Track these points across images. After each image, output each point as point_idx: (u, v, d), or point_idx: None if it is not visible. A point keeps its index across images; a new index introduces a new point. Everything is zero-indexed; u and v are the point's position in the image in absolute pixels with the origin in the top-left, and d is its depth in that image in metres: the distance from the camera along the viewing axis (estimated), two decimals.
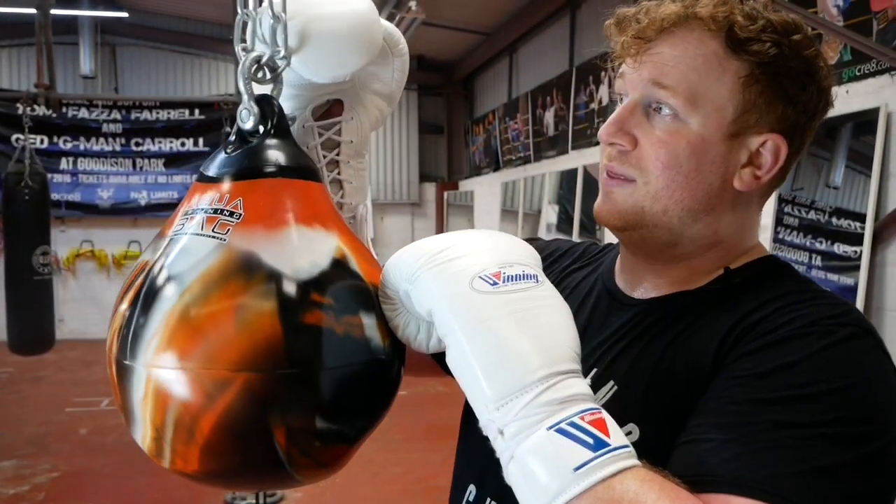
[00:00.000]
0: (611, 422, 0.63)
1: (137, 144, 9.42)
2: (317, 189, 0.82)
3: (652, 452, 0.67)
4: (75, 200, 9.33)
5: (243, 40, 0.83)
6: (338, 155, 0.98)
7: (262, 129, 0.81)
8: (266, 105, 0.82)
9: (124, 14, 9.24)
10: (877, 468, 0.65)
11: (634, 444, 0.68)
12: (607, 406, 0.72)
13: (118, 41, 9.80)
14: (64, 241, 9.18)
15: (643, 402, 0.77)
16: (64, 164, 9.26)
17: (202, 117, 9.32)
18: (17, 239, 5.18)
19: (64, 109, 8.90)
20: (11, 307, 5.25)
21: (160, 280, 0.74)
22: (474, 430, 0.68)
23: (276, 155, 0.80)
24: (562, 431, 0.61)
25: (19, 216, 5.16)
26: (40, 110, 7.60)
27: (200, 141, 9.37)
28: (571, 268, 1.01)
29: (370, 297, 0.77)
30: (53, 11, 5.94)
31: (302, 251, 0.75)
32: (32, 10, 5.81)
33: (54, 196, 8.11)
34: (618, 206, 0.82)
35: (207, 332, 0.70)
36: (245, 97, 0.81)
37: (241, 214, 0.76)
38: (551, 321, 0.67)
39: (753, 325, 0.74)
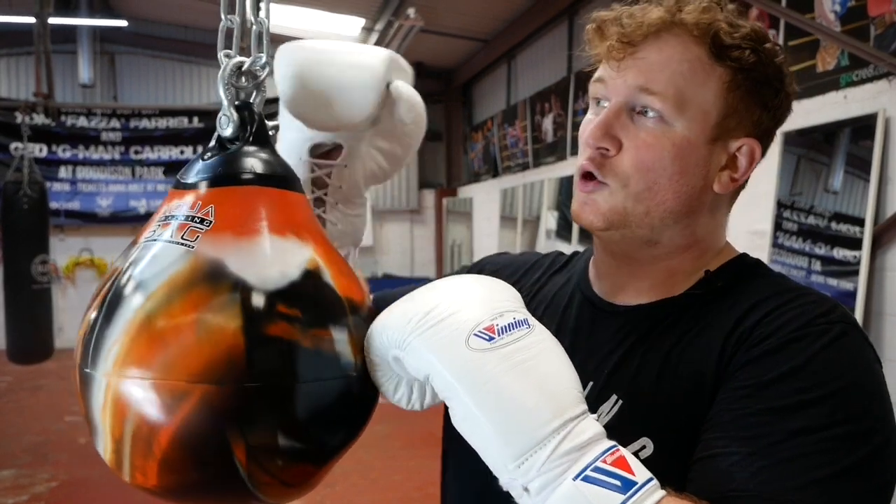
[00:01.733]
0: (630, 457, 0.64)
1: (136, 153, 9.42)
2: (294, 198, 0.79)
3: (667, 465, 0.69)
4: (74, 209, 9.32)
5: (228, 47, 0.83)
6: (325, 195, 0.98)
7: (241, 136, 0.80)
8: (246, 112, 0.81)
9: (123, 22, 9.25)
10: (884, 459, 0.69)
11: (649, 459, 0.72)
12: (615, 421, 0.77)
13: (117, 49, 9.80)
14: (63, 249, 9.17)
15: (652, 415, 0.78)
16: (63, 172, 9.26)
17: (201, 125, 9.33)
18: (16, 248, 5.18)
19: (63, 118, 8.92)
20: (10, 316, 5.25)
21: (126, 287, 0.72)
22: (466, 459, 0.68)
23: (252, 162, 0.78)
24: (588, 479, 0.61)
25: (18, 225, 5.15)
26: (39, 119, 7.63)
27: (200, 149, 9.30)
28: (542, 280, 1.00)
29: (343, 311, 0.74)
30: (52, 20, 5.96)
31: (271, 261, 0.72)
32: (31, 19, 5.83)
33: (53, 205, 8.10)
34: (599, 207, 0.82)
35: (168, 342, 0.68)
36: (224, 103, 0.80)
37: (211, 222, 0.74)
38: (551, 366, 0.67)
39: (749, 330, 0.75)
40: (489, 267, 1.06)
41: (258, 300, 0.69)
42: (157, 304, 0.70)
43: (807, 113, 3.78)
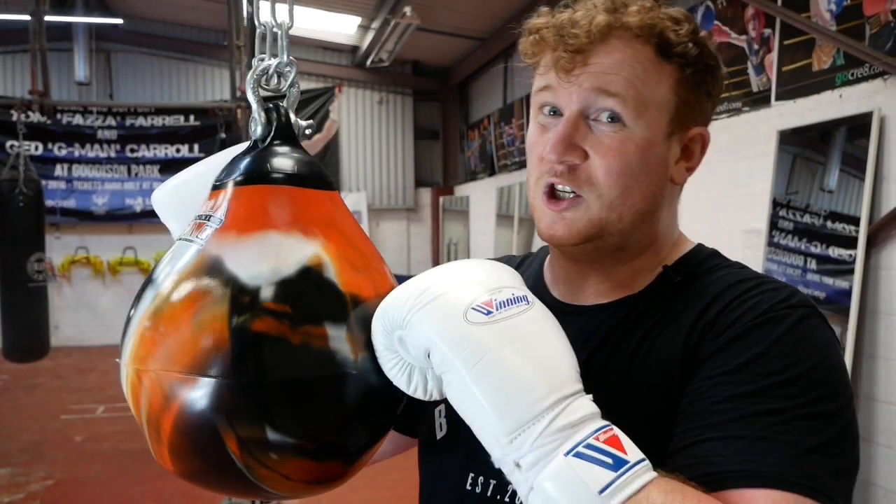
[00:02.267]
0: (623, 437, 0.64)
1: (132, 151, 9.41)
2: (314, 196, 0.80)
3: None
4: (70, 207, 9.31)
5: (262, 52, 0.86)
6: None
7: (265, 136, 0.83)
8: (273, 113, 0.84)
9: (119, 20, 9.24)
10: (850, 439, 0.71)
11: None
12: None
13: (113, 47, 9.79)
14: (59, 247, 9.16)
15: (623, 416, 0.75)
16: (59, 170, 9.24)
17: (197, 123, 9.32)
18: (12, 246, 5.17)
19: (58, 116, 8.91)
20: (6, 314, 5.24)
21: (149, 283, 0.77)
22: (437, 468, 0.68)
23: (270, 162, 0.80)
24: (580, 455, 0.61)
25: (14, 223, 5.15)
26: (35, 117, 7.62)
27: (195, 147, 9.37)
28: None
29: (342, 307, 0.74)
30: (48, 18, 5.95)
31: (266, 257, 0.73)
32: (27, 17, 5.82)
33: (49, 203, 8.10)
34: (575, 224, 0.81)
35: (169, 335, 0.72)
36: (254, 106, 0.83)
37: (221, 220, 0.77)
38: (550, 343, 0.68)
39: (712, 321, 0.77)
40: None
41: (245, 296, 0.71)
42: (164, 298, 0.74)
43: (802, 112, 3.79)
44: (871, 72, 3.42)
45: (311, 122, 0.88)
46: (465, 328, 0.66)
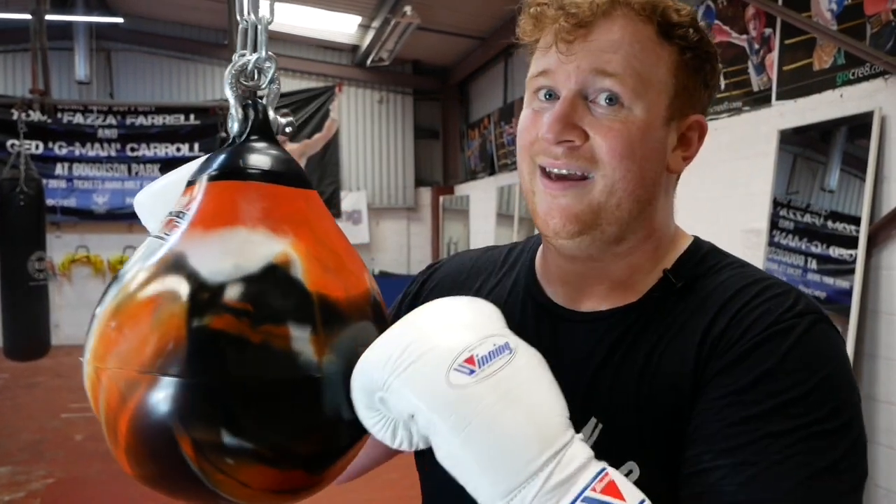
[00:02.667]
0: (620, 479, 0.63)
1: (133, 150, 9.41)
2: (287, 193, 0.78)
3: (655, 487, 0.68)
4: (70, 206, 9.31)
5: (243, 47, 0.85)
6: None
7: (241, 132, 0.81)
8: (250, 109, 0.82)
9: (119, 19, 9.23)
10: (859, 450, 0.70)
11: (637, 482, 0.69)
12: (599, 446, 0.73)
13: (113, 46, 9.78)
14: (59, 246, 9.15)
15: (635, 438, 0.76)
16: (59, 169, 9.24)
17: (197, 122, 9.32)
18: (13, 245, 5.17)
19: (59, 115, 8.90)
20: (6, 313, 5.24)
21: (115, 280, 0.75)
22: (444, 483, 0.67)
23: (244, 157, 0.78)
24: None
25: (14, 222, 5.15)
26: (35, 116, 7.61)
27: (196, 146, 9.36)
28: (488, 284, 0.96)
29: (308, 308, 0.71)
30: (48, 17, 5.95)
31: (229, 253, 0.71)
32: (27, 16, 5.81)
33: (49, 202, 8.10)
34: (571, 209, 0.78)
35: (128, 331, 0.69)
36: (231, 101, 0.82)
37: (189, 216, 0.75)
38: (536, 394, 0.65)
39: (719, 335, 0.75)
40: (434, 280, 1.02)
41: (205, 292, 0.68)
42: (126, 295, 0.72)
43: (803, 111, 3.78)
44: (872, 71, 3.42)
45: (291, 119, 0.86)
46: (450, 393, 0.63)
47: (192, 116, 9.37)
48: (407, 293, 1.03)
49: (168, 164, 9.37)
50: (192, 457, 0.67)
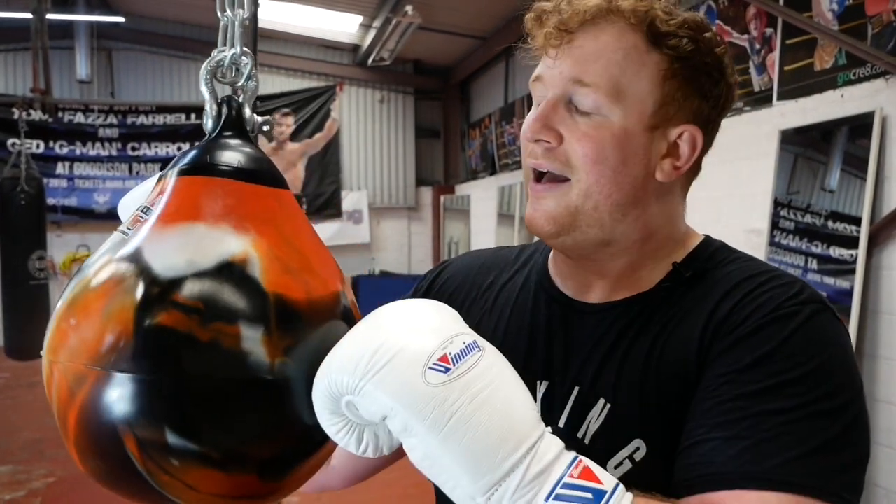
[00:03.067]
0: (593, 465, 0.65)
1: (134, 149, 9.41)
2: (255, 191, 0.76)
3: (660, 464, 0.72)
4: (71, 205, 9.31)
5: (224, 44, 0.84)
6: None
7: (214, 129, 0.81)
8: (224, 105, 0.81)
9: (120, 19, 9.23)
10: (859, 431, 0.72)
11: (643, 459, 0.74)
12: (607, 425, 0.77)
13: (114, 46, 9.78)
14: (60, 245, 9.15)
15: (642, 417, 0.78)
16: (60, 168, 9.24)
17: (198, 122, 9.27)
18: (13, 244, 5.17)
19: (60, 114, 8.90)
20: (7, 312, 5.24)
21: (76, 273, 0.74)
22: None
23: (213, 154, 0.77)
24: (559, 497, 0.62)
25: (15, 221, 5.15)
26: (36, 115, 7.59)
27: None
28: (501, 279, 0.98)
29: (262, 308, 0.68)
30: (49, 16, 5.94)
31: (184, 248, 0.69)
32: (28, 15, 5.81)
33: (50, 201, 8.10)
34: (550, 210, 0.82)
35: (80, 325, 0.68)
36: (206, 97, 0.81)
37: (153, 211, 0.74)
38: (508, 390, 0.66)
39: (723, 320, 0.76)
40: (444, 278, 1.03)
41: (155, 287, 0.67)
42: (82, 287, 0.71)
43: (804, 111, 3.78)
44: (873, 71, 3.42)
45: (268, 118, 0.86)
46: (427, 391, 0.63)
47: (193, 116, 9.37)
48: (418, 289, 1.05)
49: (169, 164, 9.34)
50: (136, 455, 0.66)
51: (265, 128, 0.85)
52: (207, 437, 0.67)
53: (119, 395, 0.65)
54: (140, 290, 0.67)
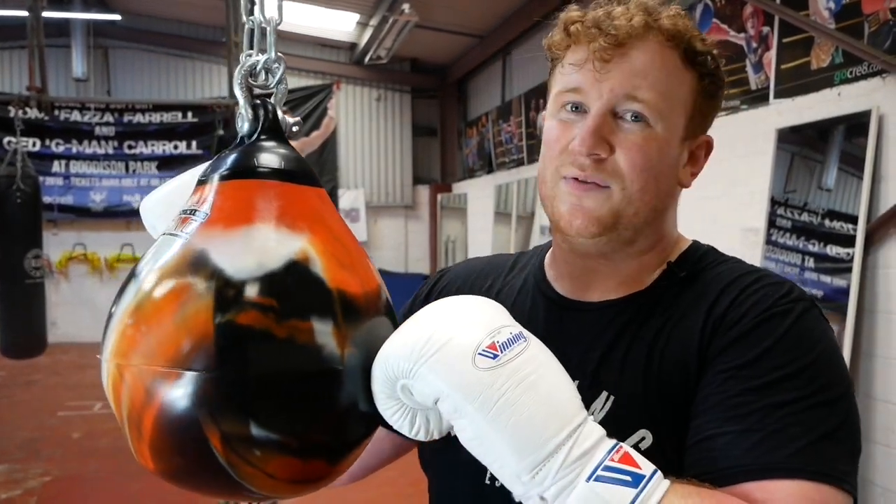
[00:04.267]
0: (633, 452, 0.68)
1: (130, 147, 9.40)
2: (300, 191, 0.80)
3: (666, 454, 0.76)
4: (68, 203, 9.30)
5: (251, 47, 0.86)
6: None
7: (252, 132, 0.83)
8: (260, 109, 0.83)
9: (117, 16, 9.22)
10: (853, 424, 0.77)
11: (649, 449, 0.78)
12: (610, 416, 0.81)
13: (110, 44, 9.77)
14: (56, 244, 9.14)
15: (646, 407, 0.82)
16: (56, 166, 9.23)
17: (195, 120, 9.30)
18: (9, 242, 5.16)
19: (56, 112, 8.88)
20: (3, 311, 5.23)
21: (131, 278, 0.76)
22: (453, 464, 0.70)
23: (257, 157, 0.80)
24: (600, 479, 0.65)
25: (11, 219, 5.14)
26: (32, 113, 7.60)
27: (193, 143, 9.36)
28: (497, 284, 1.01)
29: (329, 303, 0.73)
30: (45, 14, 5.94)
31: (252, 250, 0.73)
32: (24, 13, 5.80)
33: (46, 199, 8.09)
34: (594, 212, 0.84)
35: (152, 328, 0.71)
36: (241, 101, 0.83)
37: (207, 214, 0.76)
38: (553, 377, 0.70)
39: (721, 316, 0.81)
40: (444, 283, 1.07)
41: (230, 289, 0.70)
42: (147, 292, 0.73)
43: (800, 110, 3.79)
44: (870, 70, 3.42)
45: (298, 119, 0.87)
46: (476, 375, 0.67)
47: (189, 114, 9.35)
48: (418, 295, 1.08)
49: (165, 162, 9.37)
50: (220, 450, 0.69)
51: (295, 129, 0.86)
52: (288, 427, 0.71)
53: (202, 393, 0.68)
54: (215, 292, 0.70)
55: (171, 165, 9.37)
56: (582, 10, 0.87)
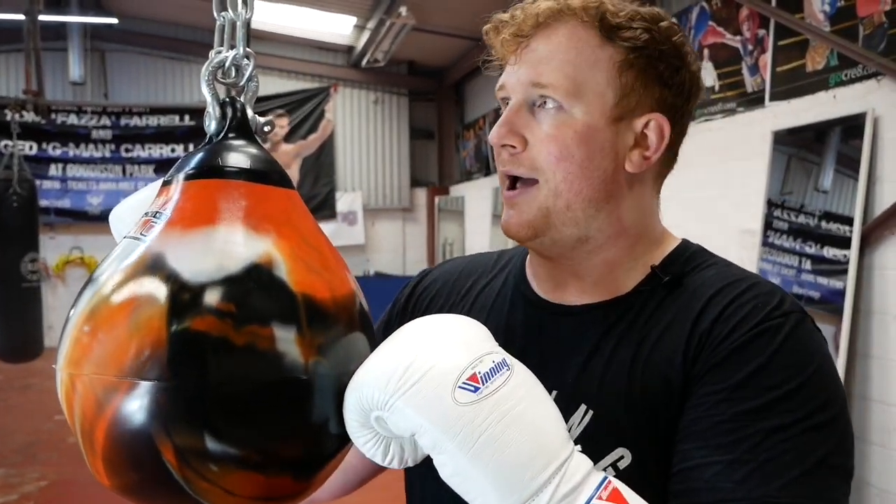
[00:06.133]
0: (620, 485, 0.65)
1: (127, 150, 9.39)
2: (269, 192, 0.76)
3: (646, 474, 0.72)
4: (64, 207, 9.29)
5: (220, 45, 0.83)
6: None
7: (219, 131, 0.79)
8: (228, 107, 0.80)
9: (113, 20, 9.21)
10: (849, 437, 0.73)
11: (628, 468, 0.74)
12: (589, 432, 0.77)
13: (107, 47, 9.76)
14: (53, 247, 9.13)
15: (626, 425, 0.77)
16: (53, 170, 9.22)
17: (192, 123, 9.30)
18: (6, 246, 5.15)
19: (53, 116, 8.88)
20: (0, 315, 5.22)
21: (89, 283, 0.73)
22: (431, 470, 0.67)
23: (223, 156, 0.76)
24: None
25: (7, 223, 5.12)
26: (29, 116, 7.60)
27: (190, 147, 9.25)
28: (479, 284, 0.98)
29: (292, 308, 0.68)
30: (42, 17, 5.93)
31: (211, 253, 0.68)
32: (20, 16, 5.80)
33: (43, 203, 8.08)
34: (524, 215, 0.82)
35: (104, 335, 0.67)
36: (208, 99, 0.80)
37: (167, 216, 0.72)
38: (538, 410, 0.66)
39: (707, 331, 0.76)
40: (424, 285, 1.03)
41: (185, 293, 0.65)
42: (101, 297, 0.69)
43: (796, 112, 3.79)
44: (865, 72, 3.43)
45: (270, 118, 0.84)
46: (456, 410, 0.63)
47: (186, 117, 9.35)
48: (398, 299, 1.04)
49: (162, 165, 9.35)
50: (174, 464, 0.65)
51: (266, 129, 0.84)
52: (246, 441, 0.66)
53: (155, 404, 0.64)
54: (170, 297, 0.65)
55: (168, 169, 8.96)
56: (513, 7, 0.85)
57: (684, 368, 0.76)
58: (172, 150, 9.42)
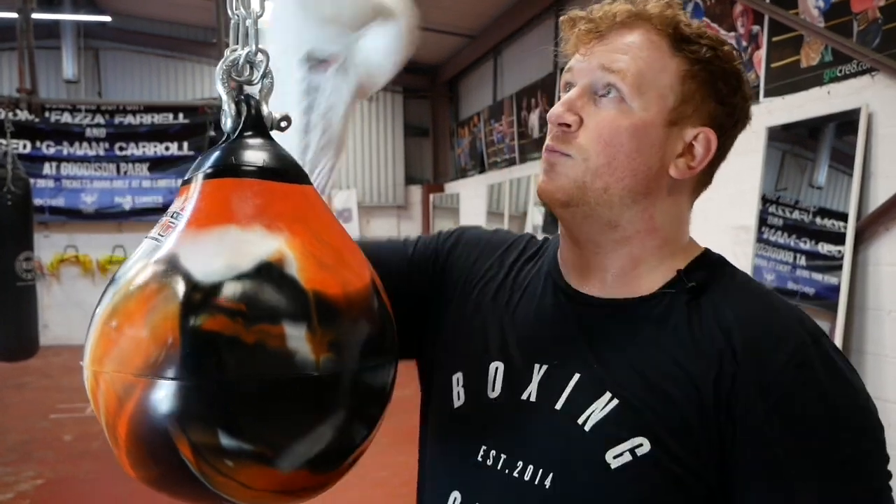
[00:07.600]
0: None
1: (121, 149, 9.36)
2: (283, 190, 0.77)
3: (662, 463, 0.76)
4: (59, 205, 9.25)
5: (237, 42, 0.84)
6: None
7: (235, 128, 0.80)
8: (243, 105, 0.81)
9: (107, 18, 9.18)
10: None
11: (644, 456, 0.77)
12: (611, 419, 0.80)
13: (101, 45, 9.73)
14: (48, 246, 9.10)
15: (648, 416, 0.80)
16: (47, 169, 9.19)
17: (186, 121, 9.27)
18: (0, 245, 5.13)
19: (47, 114, 8.84)
20: None
21: (111, 283, 0.75)
22: (449, 437, 0.68)
23: (237, 154, 0.77)
24: None
25: (2, 222, 5.10)
26: (23, 115, 7.54)
27: (185, 145, 9.33)
28: (518, 264, 1.01)
29: (303, 306, 0.70)
30: (35, 16, 5.91)
31: (222, 252, 0.70)
32: (14, 14, 5.78)
33: (37, 201, 8.04)
34: (560, 179, 0.85)
35: (124, 335, 0.69)
36: (223, 97, 0.80)
37: (185, 216, 0.74)
38: None
39: (743, 352, 0.78)
40: (467, 238, 1.07)
41: (197, 293, 0.67)
42: (122, 297, 0.71)
43: (791, 108, 3.80)
44: (859, 68, 3.44)
45: (286, 114, 0.84)
46: None
47: (181, 115, 9.32)
48: (441, 235, 1.10)
49: (157, 163, 9.34)
50: (191, 459, 0.67)
51: (283, 124, 0.84)
52: (259, 437, 0.68)
53: (169, 402, 0.66)
54: (182, 297, 0.67)
55: (162, 167, 9.34)
56: (590, 6, 0.90)
57: (717, 388, 0.78)
58: (167, 148, 9.39)
